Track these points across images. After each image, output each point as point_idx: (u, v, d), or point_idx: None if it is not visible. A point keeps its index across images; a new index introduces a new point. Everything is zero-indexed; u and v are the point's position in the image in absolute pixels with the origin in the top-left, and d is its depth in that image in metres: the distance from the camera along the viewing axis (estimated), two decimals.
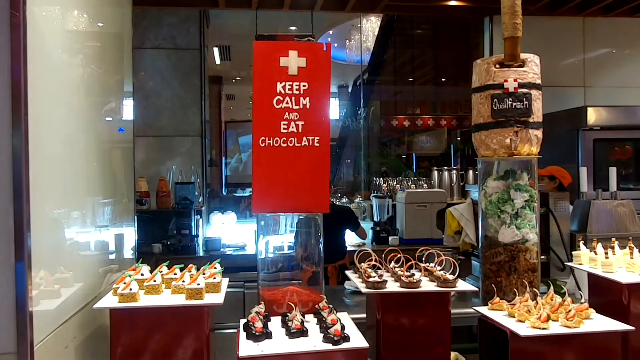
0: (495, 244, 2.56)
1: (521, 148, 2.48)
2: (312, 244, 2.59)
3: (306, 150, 2.40)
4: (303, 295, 2.43)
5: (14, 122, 1.65)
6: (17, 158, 1.65)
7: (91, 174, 2.48)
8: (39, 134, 1.76)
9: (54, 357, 1.89)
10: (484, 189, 2.60)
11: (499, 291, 2.46)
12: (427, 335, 2.26)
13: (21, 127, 1.66)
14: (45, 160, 1.86)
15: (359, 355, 1.98)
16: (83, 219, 2.35)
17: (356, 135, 7.60)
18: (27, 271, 1.66)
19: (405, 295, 2.24)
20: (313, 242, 2.59)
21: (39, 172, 1.74)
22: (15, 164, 1.65)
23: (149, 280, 2.15)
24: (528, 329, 2.08)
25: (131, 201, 3.34)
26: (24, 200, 1.65)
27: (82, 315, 2.17)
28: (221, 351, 2.64)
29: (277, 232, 2.71)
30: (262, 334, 2.04)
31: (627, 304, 2.32)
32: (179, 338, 2.04)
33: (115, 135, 3.08)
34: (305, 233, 2.60)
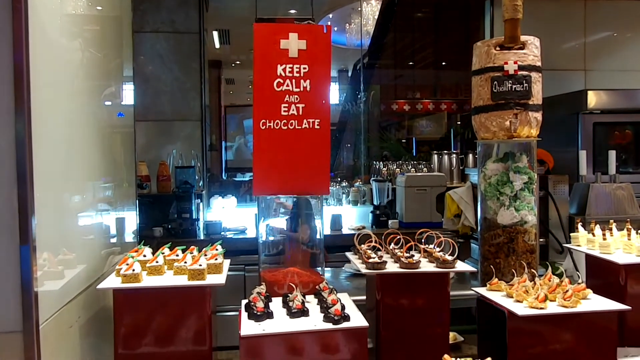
0: (494, 226, 2.58)
1: (520, 130, 2.49)
2: (311, 225, 2.62)
3: (307, 133, 2.41)
4: (304, 276, 2.46)
5: (17, 106, 1.66)
6: (20, 143, 1.67)
7: (92, 158, 2.49)
8: (41, 118, 1.77)
9: (59, 336, 1.92)
10: (483, 171, 2.62)
11: (497, 272, 2.49)
12: (427, 316, 2.29)
13: (24, 111, 1.67)
14: (47, 144, 1.87)
15: (359, 334, 2.01)
16: (84, 202, 2.37)
17: (356, 120, 7.59)
18: (32, 253, 1.68)
19: (405, 276, 2.27)
20: (312, 223, 2.62)
21: (41, 157, 1.76)
22: (19, 149, 1.67)
23: (151, 262, 2.18)
24: (526, 309, 2.11)
25: (132, 185, 3.35)
26: (27, 185, 1.67)
27: (85, 296, 2.20)
28: (223, 333, 2.68)
29: (278, 215, 2.73)
30: (264, 313, 2.07)
31: (624, 285, 2.35)
32: (181, 318, 2.07)
33: (115, 119, 3.09)
34: (306, 215, 2.63)
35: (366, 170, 6.81)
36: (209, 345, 2.08)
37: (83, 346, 2.15)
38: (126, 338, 2.04)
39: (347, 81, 8.53)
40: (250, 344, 1.96)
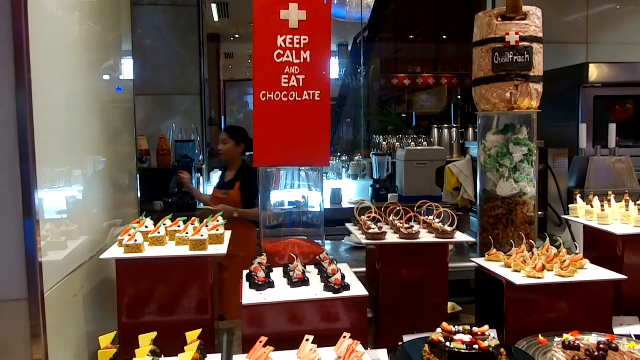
0: (493, 198, 2.59)
1: (521, 102, 2.49)
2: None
3: (307, 104, 2.41)
4: (304, 246, 2.48)
5: (17, 81, 1.66)
6: (21, 118, 1.67)
7: (92, 132, 2.49)
8: (41, 93, 1.77)
9: (63, 304, 1.95)
10: (483, 143, 2.62)
11: (495, 243, 2.52)
12: (426, 286, 2.32)
13: (24, 86, 1.67)
14: (48, 119, 1.88)
15: (358, 303, 2.04)
16: (86, 176, 2.39)
17: (356, 94, 7.55)
18: (35, 226, 1.70)
19: (404, 246, 2.29)
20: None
21: (42, 131, 1.76)
22: (20, 124, 1.67)
23: (153, 232, 2.20)
24: (523, 278, 2.14)
25: (132, 159, 3.36)
26: (29, 159, 1.68)
27: (89, 266, 2.22)
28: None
29: (278, 187, 2.74)
30: (265, 283, 2.10)
31: (621, 255, 2.38)
32: (183, 288, 2.10)
33: (115, 94, 3.08)
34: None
35: (366, 144, 6.80)
36: (211, 314, 2.11)
37: (87, 315, 2.18)
38: (129, 307, 2.07)
39: (347, 55, 8.46)
40: (251, 312, 1.99)
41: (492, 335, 1.86)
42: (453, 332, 1.85)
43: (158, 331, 1.83)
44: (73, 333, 2.05)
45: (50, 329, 1.74)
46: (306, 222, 2.73)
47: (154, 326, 1.86)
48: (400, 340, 2.06)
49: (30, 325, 1.68)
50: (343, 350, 1.80)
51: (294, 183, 2.71)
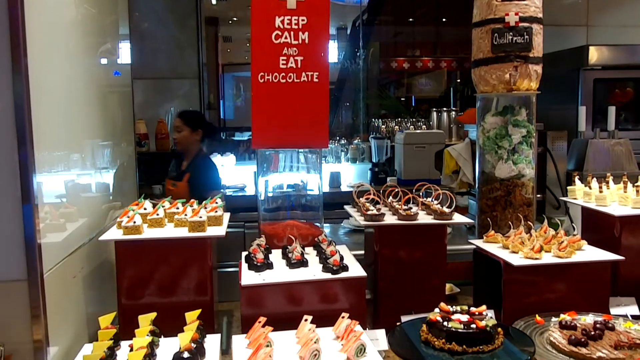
0: (492, 180, 2.60)
1: (520, 83, 2.48)
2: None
3: (305, 86, 2.40)
4: (303, 229, 2.49)
5: (14, 66, 1.65)
6: (19, 103, 1.66)
7: (90, 117, 2.49)
8: (39, 78, 1.77)
9: (63, 285, 1.96)
10: (482, 125, 2.62)
11: (494, 225, 2.52)
12: (424, 267, 2.33)
13: (21, 70, 1.66)
14: (46, 104, 1.87)
15: (357, 284, 2.05)
16: (84, 160, 2.39)
17: (355, 78, 7.51)
18: (34, 209, 1.71)
19: (403, 228, 2.30)
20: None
21: (40, 116, 1.76)
22: (18, 109, 1.67)
23: (152, 214, 2.20)
24: (521, 259, 2.15)
25: (131, 144, 3.35)
26: (27, 144, 1.68)
27: (88, 248, 2.23)
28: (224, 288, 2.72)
29: (277, 170, 2.74)
30: (264, 264, 2.11)
31: (619, 237, 2.39)
32: (183, 270, 2.10)
33: (113, 79, 3.07)
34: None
35: (365, 128, 6.78)
36: (210, 295, 2.12)
37: (87, 296, 2.19)
38: (129, 289, 2.08)
39: (346, 39, 8.40)
40: (250, 293, 2.00)
41: (490, 315, 1.87)
42: (451, 312, 1.86)
43: (158, 312, 1.84)
44: (73, 314, 2.06)
45: (51, 310, 1.75)
46: (305, 205, 2.73)
47: (154, 307, 1.88)
48: (398, 321, 2.07)
49: (30, 306, 1.69)
50: (342, 330, 1.82)
51: (293, 165, 2.70)
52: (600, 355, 1.77)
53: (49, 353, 1.74)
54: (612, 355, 1.77)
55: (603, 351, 1.79)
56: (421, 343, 1.82)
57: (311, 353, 1.66)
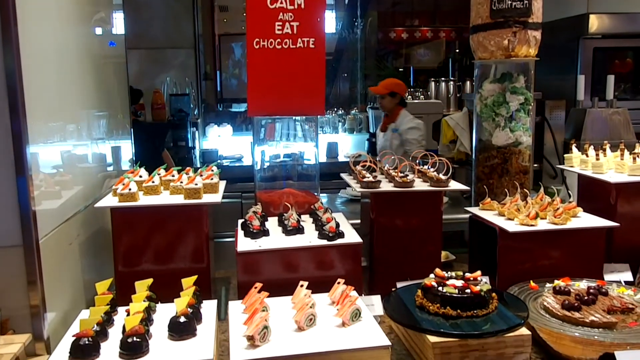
0: (489, 148, 2.59)
1: (519, 49, 2.44)
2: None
3: (301, 52, 2.37)
4: (299, 196, 2.49)
5: (4, 35, 1.62)
6: (10, 75, 1.65)
7: (84, 87, 2.46)
8: (30, 47, 1.74)
9: (59, 251, 1.96)
10: (480, 92, 2.59)
11: (490, 193, 2.52)
12: (420, 235, 2.33)
13: (12, 40, 1.63)
14: (38, 73, 1.85)
15: (353, 250, 2.06)
16: (79, 130, 2.37)
17: (353, 48, 7.43)
18: (28, 176, 1.70)
19: (399, 195, 2.29)
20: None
21: (32, 86, 1.74)
22: (9, 81, 1.65)
23: (147, 182, 2.19)
24: (516, 226, 2.15)
25: (126, 114, 3.33)
26: (20, 116, 1.67)
27: (84, 215, 2.23)
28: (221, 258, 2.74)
29: (273, 139, 2.73)
30: (260, 231, 2.11)
31: (615, 204, 2.39)
32: (179, 237, 2.10)
33: (107, 49, 3.03)
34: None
35: (362, 98, 6.74)
36: (207, 262, 2.13)
37: (84, 263, 2.20)
38: (125, 256, 2.09)
39: (344, 8, 8.28)
40: (246, 259, 2.01)
41: (485, 280, 1.88)
42: (446, 277, 1.87)
43: (155, 280, 1.85)
44: (70, 281, 2.07)
45: (47, 276, 1.76)
46: (301, 174, 2.73)
47: (151, 275, 1.88)
48: (394, 288, 2.09)
49: (26, 271, 1.70)
50: (337, 296, 1.83)
51: (290, 134, 2.69)
52: (593, 320, 1.79)
53: (46, 318, 1.75)
54: (605, 319, 1.79)
55: (596, 315, 1.80)
56: (416, 308, 1.83)
57: (306, 317, 1.67)
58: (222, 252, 2.94)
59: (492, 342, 1.63)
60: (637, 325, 1.80)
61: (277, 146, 2.77)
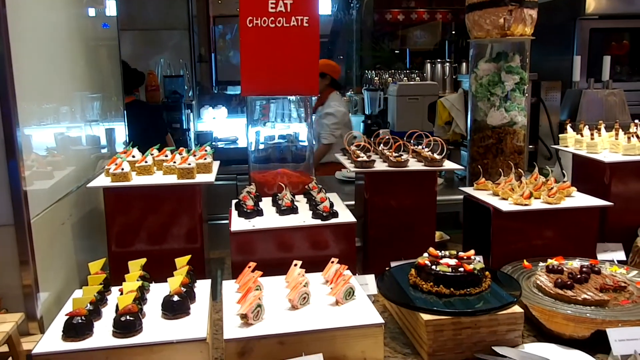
0: (484, 128, 2.58)
1: (515, 28, 2.42)
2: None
3: (295, 31, 2.34)
4: (293, 177, 2.48)
5: None
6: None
7: (77, 70, 2.44)
8: (19, 28, 1.72)
9: (52, 231, 1.96)
10: (475, 71, 2.58)
11: (485, 173, 2.52)
12: (414, 215, 2.33)
13: (0, 21, 1.61)
14: (28, 55, 1.83)
15: (347, 230, 2.05)
16: (72, 112, 2.36)
17: (348, 30, 7.37)
18: (18, 156, 1.70)
19: (393, 175, 2.28)
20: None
21: (22, 68, 1.72)
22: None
23: (140, 162, 2.18)
24: (510, 205, 2.15)
25: (120, 96, 3.30)
26: (10, 98, 1.66)
27: (76, 195, 2.22)
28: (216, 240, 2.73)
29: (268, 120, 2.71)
30: (254, 211, 2.11)
31: (609, 184, 2.39)
32: (172, 217, 2.10)
33: (100, 31, 2.99)
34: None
35: (358, 80, 6.69)
36: (201, 242, 2.12)
37: (77, 244, 2.19)
38: (119, 236, 2.08)
39: None
40: (240, 239, 2.00)
41: (478, 259, 1.89)
42: (439, 256, 1.87)
43: (148, 260, 1.84)
44: (63, 261, 2.07)
45: (40, 256, 1.76)
46: (296, 154, 2.71)
47: (144, 255, 1.86)
48: (388, 268, 2.09)
49: (18, 251, 1.70)
50: (331, 275, 1.83)
51: (285, 114, 2.67)
52: (585, 297, 1.79)
53: (39, 298, 1.75)
54: (597, 297, 1.79)
55: (588, 293, 1.81)
56: (410, 286, 1.83)
57: (300, 296, 1.67)
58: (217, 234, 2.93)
59: (485, 319, 1.64)
60: (629, 303, 1.81)
61: (272, 127, 2.75)
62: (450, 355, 1.64)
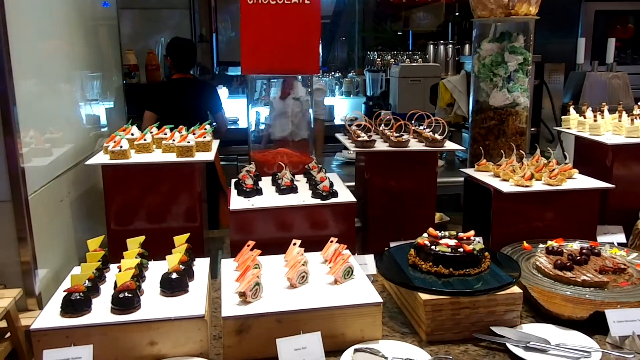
0: (486, 109, 2.55)
1: (519, 7, 2.39)
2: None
3: (296, 9, 2.31)
4: (293, 156, 2.46)
5: None
6: None
7: (75, 47, 2.42)
8: (16, 7, 1.70)
9: (50, 208, 1.95)
10: (478, 52, 2.55)
11: (486, 154, 2.50)
12: (414, 196, 2.32)
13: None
14: (24, 33, 1.80)
15: (346, 210, 2.05)
16: (71, 91, 2.34)
17: (351, 10, 7.29)
18: (15, 134, 1.68)
19: (394, 155, 2.27)
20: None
21: (19, 46, 1.70)
22: None
23: (139, 139, 2.16)
24: (511, 187, 2.14)
25: (119, 76, 3.28)
26: (6, 76, 1.65)
27: (75, 173, 2.21)
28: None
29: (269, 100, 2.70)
30: (253, 190, 2.10)
31: (611, 166, 2.37)
32: (171, 195, 2.08)
33: (99, 10, 2.96)
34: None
35: (360, 61, 6.64)
36: (200, 221, 2.11)
37: (75, 221, 2.19)
38: (117, 214, 2.07)
39: None
40: (239, 218, 2.00)
41: (478, 240, 1.88)
42: (439, 237, 1.87)
43: (147, 238, 1.83)
44: (62, 238, 2.06)
45: (38, 233, 1.75)
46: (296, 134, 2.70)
47: (143, 233, 1.86)
48: (387, 248, 2.08)
49: (16, 227, 1.69)
50: (330, 254, 1.83)
51: None
52: (584, 279, 1.79)
53: (37, 274, 1.75)
54: (597, 278, 1.79)
55: (588, 275, 1.81)
56: (409, 266, 1.83)
57: (299, 275, 1.67)
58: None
59: (484, 300, 1.64)
60: (628, 284, 1.80)
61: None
62: (449, 334, 1.64)
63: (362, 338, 1.58)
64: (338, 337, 1.56)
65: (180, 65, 4.15)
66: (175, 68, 4.19)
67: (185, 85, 4.14)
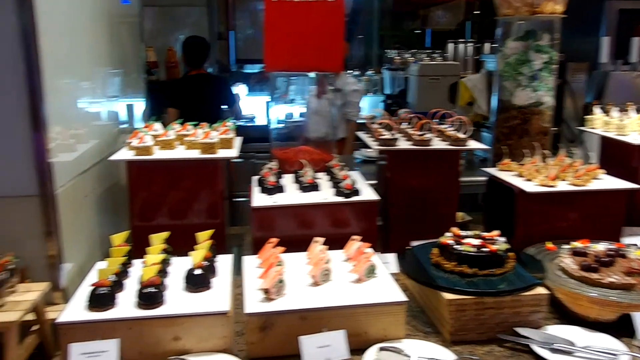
0: (509, 108, 2.53)
1: (545, 5, 2.36)
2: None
3: (319, 5, 2.30)
4: (314, 154, 2.46)
5: None
6: (26, 31, 1.64)
7: (99, 45, 2.44)
8: (45, 5, 1.71)
9: (76, 203, 1.97)
10: (502, 50, 2.52)
11: (509, 154, 2.47)
12: (436, 195, 2.30)
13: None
14: (53, 33, 1.82)
15: (369, 208, 2.04)
16: (95, 88, 2.36)
17: (369, 9, 7.28)
18: (44, 129, 1.71)
19: (416, 153, 2.25)
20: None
21: (47, 44, 1.72)
22: (26, 40, 1.64)
23: (162, 136, 2.17)
24: (536, 187, 2.12)
25: (141, 73, 3.30)
26: (35, 73, 1.67)
27: (99, 169, 2.22)
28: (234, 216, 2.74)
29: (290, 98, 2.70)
30: (275, 187, 2.10)
31: (637, 166, 2.33)
32: (194, 192, 2.10)
33: (121, 7, 2.98)
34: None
35: (378, 60, 6.61)
36: (222, 218, 2.12)
37: (100, 217, 2.21)
38: (141, 209, 2.09)
39: None
40: (261, 215, 2.00)
41: (502, 240, 1.86)
42: (462, 236, 1.85)
43: (170, 234, 1.84)
44: (86, 233, 2.08)
45: (64, 227, 1.77)
46: None
47: (166, 229, 1.87)
48: (408, 247, 2.07)
49: (43, 221, 1.71)
50: (352, 252, 1.82)
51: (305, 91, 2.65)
52: (611, 281, 1.76)
53: (63, 269, 1.77)
54: (624, 280, 1.76)
55: (614, 277, 1.78)
56: (431, 266, 1.82)
57: (322, 272, 1.67)
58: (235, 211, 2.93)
59: (508, 300, 1.62)
60: None
61: (294, 105, 2.74)
62: (472, 335, 1.63)
63: (384, 337, 1.58)
64: (361, 336, 1.56)
65: (193, 62, 4.33)
66: (188, 64, 4.37)
67: (201, 80, 4.30)
